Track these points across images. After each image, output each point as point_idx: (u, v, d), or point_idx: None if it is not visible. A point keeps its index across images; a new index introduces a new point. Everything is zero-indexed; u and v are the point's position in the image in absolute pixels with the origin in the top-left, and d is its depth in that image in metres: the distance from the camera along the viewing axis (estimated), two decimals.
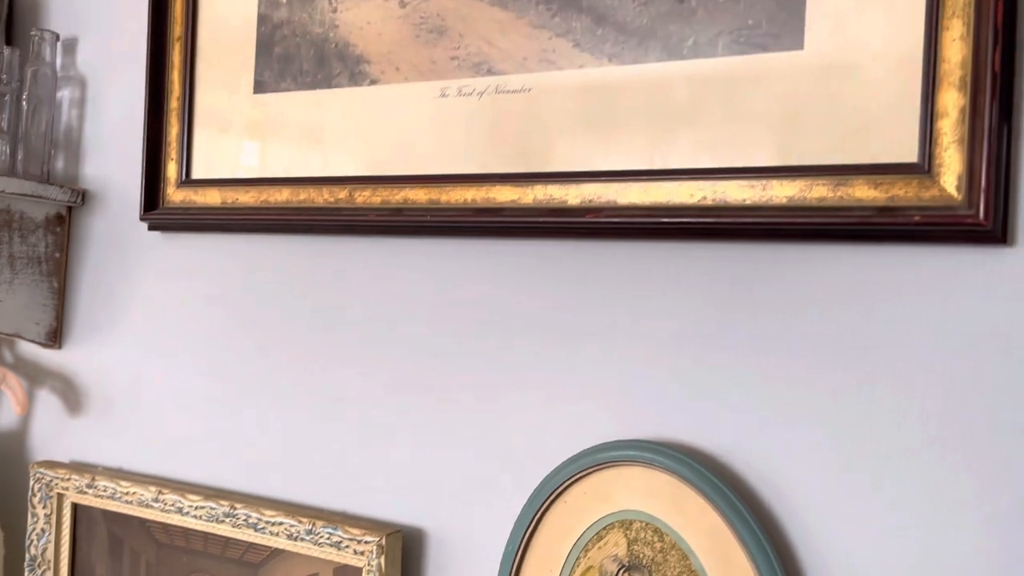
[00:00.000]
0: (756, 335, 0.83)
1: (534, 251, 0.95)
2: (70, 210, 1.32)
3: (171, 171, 1.21)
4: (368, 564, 0.98)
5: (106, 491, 1.18)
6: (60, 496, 1.23)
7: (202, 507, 1.11)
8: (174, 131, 1.21)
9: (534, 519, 0.90)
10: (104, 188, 1.30)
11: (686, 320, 0.87)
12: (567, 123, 0.93)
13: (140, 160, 1.23)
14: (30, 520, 1.24)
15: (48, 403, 1.33)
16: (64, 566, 1.24)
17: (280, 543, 1.05)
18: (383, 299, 1.05)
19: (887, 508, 0.77)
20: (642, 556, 0.85)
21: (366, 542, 0.98)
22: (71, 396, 1.31)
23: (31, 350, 1.35)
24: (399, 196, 1.03)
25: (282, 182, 1.11)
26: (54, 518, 1.23)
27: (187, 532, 1.14)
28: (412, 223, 1.01)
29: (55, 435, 1.32)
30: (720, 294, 0.85)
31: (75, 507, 1.23)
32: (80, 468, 1.24)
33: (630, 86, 0.89)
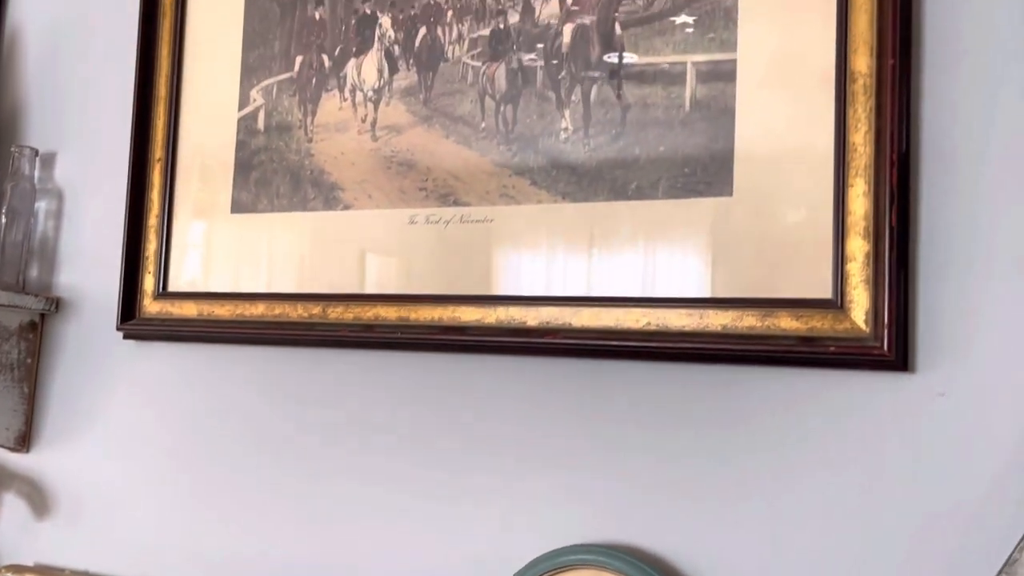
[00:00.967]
0: (699, 448, 0.93)
1: (497, 367, 1.04)
2: (43, 317, 1.37)
3: (148, 284, 1.27)
4: None
5: None
6: None
7: None
8: (152, 246, 1.27)
9: None
10: (79, 297, 1.35)
11: (636, 433, 0.96)
12: (526, 251, 1.04)
13: (116, 270, 1.29)
14: None
15: (14, 507, 1.35)
16: None
17: None
18: (354, 410, 1.12)
19: None
20: None
21: None
22: (37, 499, 1.33)
23: None
24: (370, 313, 1.11)
25: (258, 297, 1.19)
26: None
27: None
28: (383, 339, 1.10)
29: (22, 538, 1.33)
30: (666, 410, 0.95)
31: None
32: (47, 571, 1.26)
33: (581, 221, 1.01)
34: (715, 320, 0.92)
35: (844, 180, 0.87)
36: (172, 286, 1.26)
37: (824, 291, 0.88)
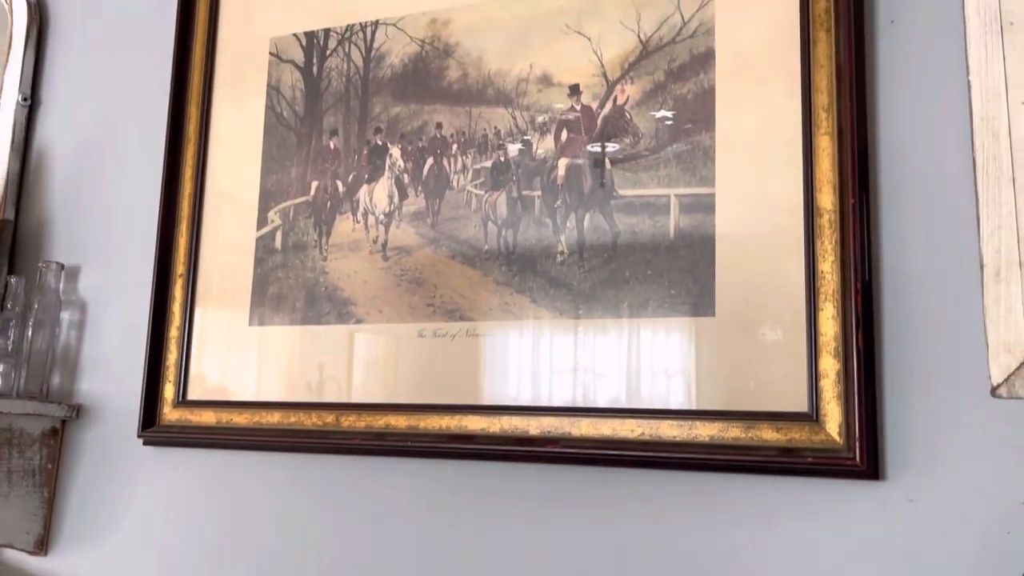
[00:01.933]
0: (692, 551, 1.00)
1: (502, 474, 1.12)
2: (64, 423, 1.44)
3: (168, 392, 1.34)
4: None
5: None
6: None
7: None
8: (173, 356, 1.35)
9: None
10: (99, 404, 1.42)
11: (634, 536, 1.03)
12: (526, 364, 1.13)
13: (136, 378, 1.37)
14: None
15: None
16: None
17: None
18: (366, 515, 1.19)
19: None
20: None
21: None
22: None
23: (16, 556, 1.42)
24: (382, 422, 1.19)
25: (274, 406, 1.27)
26: None
27: None
28: (393, 447, 1.17)
29: None
30: (662, 516, 1.03)
31: None
32: None
33: (578, 336, 1.10)
34: (703, 431, 1.00)
35: (815, 304, 0.97)
36: (191, 394, 1.34)
37: (801, 405, 0.97)
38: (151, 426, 1.34)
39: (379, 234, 1.26)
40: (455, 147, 1.22)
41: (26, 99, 1.59)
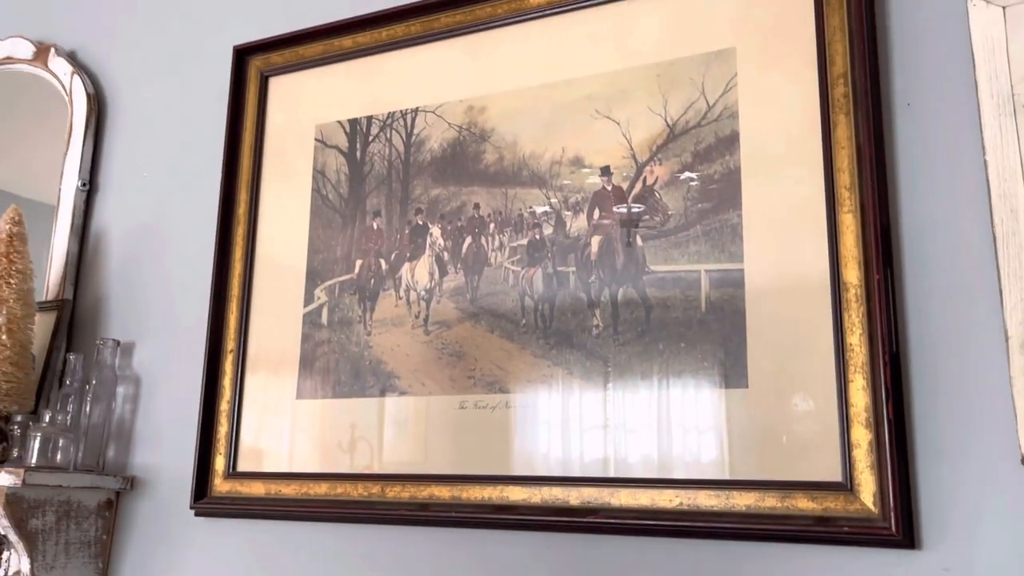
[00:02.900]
0: None
1: (543, 544, 1.15)
2: (119, 495, 1.49)
3: (219, 464, 1.40)
4: None
5: None
6: None
7: None
8: (223, 429, 1.41)
9: None
10: (153, 476, 1.47)
11: None
12: (564, 433, 1.16)
13: (187, 451, 1.42)
14: None
15: None
16: None
17: None
18: None
19: None
20: None
21: None
22: None
23: None
24: (425, 492, 1.23)
25: (320, 477, 1.31)
26: None
27: None
28: (437, 517, 1.21)
29: None
30: None
31: None
32: None
33: (615, 408, 1.13)
34: (740, 500, 1.03)
35: (845, 376, 1.00)
36: (241, 466, 1.39)
37: (834, 474, 0.99)
38: (203, 497, 1.39)
39: (421, 309, 1.31)
40: (492, 226, 1.28)
41: (85, 184, 1.68)
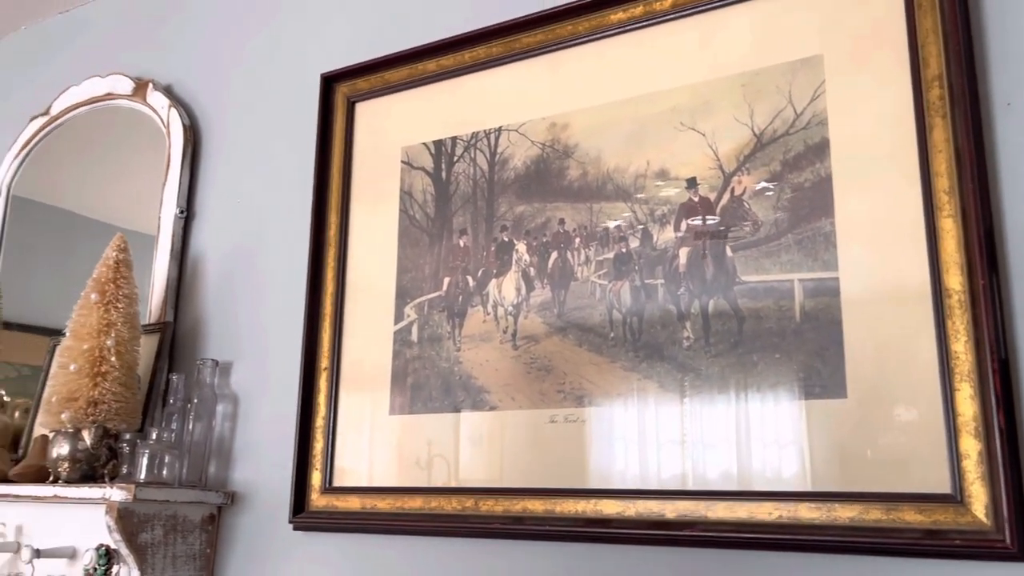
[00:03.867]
0: None
1: (637, 558, 1.14)
2: (220, 510, 1.54)
3: (316, 479, 1.43)
4: None
5: None
6: None
7: None
8: (319, 445, 1.45)
9: None
10: (252, 491, 1.52)
11: None
12: (658, 447, 1.16)
13: (285, 467, 1.47)
14: None
15: None
16: None
17: None
18: None
19: None
20: None
21: None
22: None
23: None
24: (519, 506, 1.24)
25: (415, 491, 1.33)
26: None
27: None
28: (531, 531, 1.22)
29: None
30: None
31: None
32: None
33: (709, 420, 1.13)
34: (843, 513, 1.01)
35: (950, 384, 0.98)
36: (337, 481, 1.42)
37: (943, 486, 0.97)
38: (301, 512, 1.43)
39: (508, 324, 1.33)
40: (578, 240, 1.30)
41: (182, 211, 1.76)
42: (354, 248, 1.51)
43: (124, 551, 1.39)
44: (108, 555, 1.52)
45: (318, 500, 1.42)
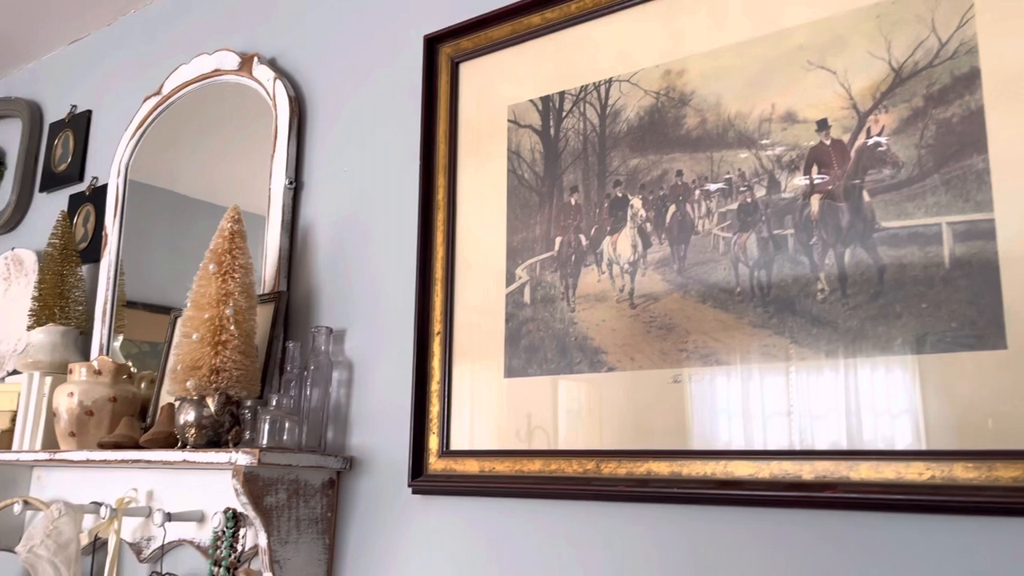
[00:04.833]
0: None
1: (772, 520, 1.09)
2: (339, 475, 1.56)
3: (433, 443, 1.43)
4: None
5: None
6: None
7: None
8: (435, 409, 1.44)
9: None
10: (370, 456, 1.53)
11: None
12: (792, 407, 1.10)
13: (402, 432, 1.47)
14: None
15: None
16: None
17: None
18: (626, 562, 1.20)
19: None
20: None
21: None
22: None
23: None
24: (643, 468, 1.20)
25: (534, 454, 1.31)
26: None
27: None
28: (656, 494, 1.18)
29: None
30: (957, 563, 0.96)
31: None
32: None
33: (847, 377, 1.06)
34: (1004, 472, 0.93)
35: None
36: (454, 445, 1.42)
37: None
38: (419, 476, 1.43)
39: (625, 283, 1.29)
40: (697, 192, 1.24)
41: (291, 182, 1.78)
42: (463, 211, 1.50)
43: (251, 513, 1.42)
44: (235, 518, 1.57)
45: (436, 464, 1.42)
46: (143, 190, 2.14)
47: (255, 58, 1.89)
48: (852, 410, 1.05)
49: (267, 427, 1.49)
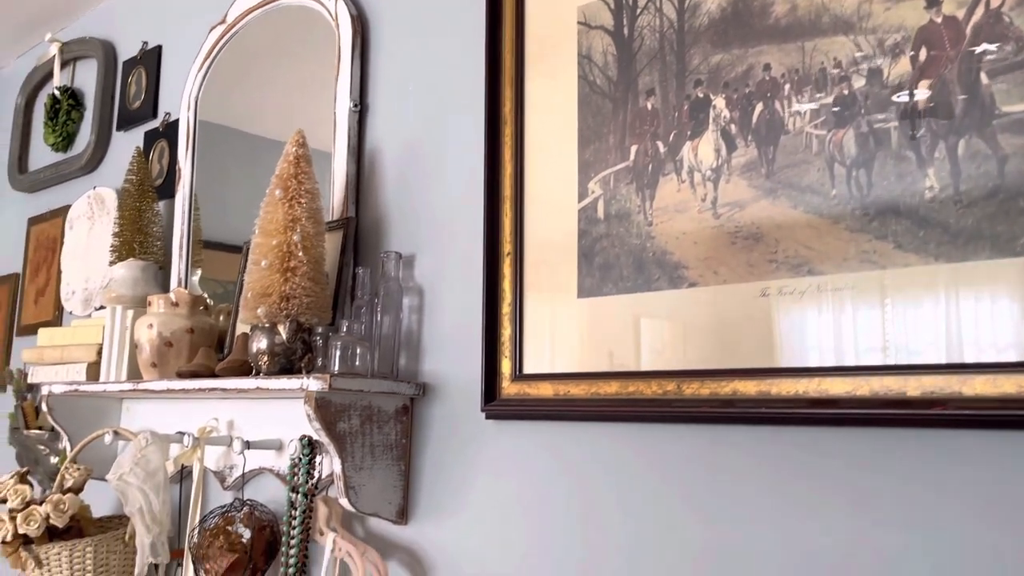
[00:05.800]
0: None
1: (870, 439, 1.00)
2: (412, 401, 1.53)
3: (506, 367, 1.38)
4: None
5: None
6: None
7: None
8: (507, 332, 1.39)
9: None
10: (442, 382, 1.50)
11: None
12: (894, 317, 1.00)
13: (474, 357, 1.43)
14: None
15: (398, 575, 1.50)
16: None
17: None
18: (710, 485, 1.13)
19: None
20: None
21: None
22: (418, 569, 1.47)
23: (381, 526, 1.54)
24: (727, 388, 1.12)
25: (611, 376, 1.25)
26: None
27: None
28: (743, 414, 1.10)
29: None
30: None
31: None
32: None
33: (959, 282, 0.95)
34: None
35: None
36: (528, 368, 1.36)
37: None
38: (492, 400, 1.38)
39: (707, 192, 1.19)
40: (787, 87, 1.12)
41: (356, 105, 1.72)
42: (531, 124, 1.41)
43: (324, 439, 1.40)
44: (311, 445, 1.56)
45: (509, 388, 1.37)
46: (215, 130, 2.12)
47: None
48: (964, 320, 0.94)
49: (338, 353, 1.46)
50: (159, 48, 2.39)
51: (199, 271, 2.10)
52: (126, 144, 2.45)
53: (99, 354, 2.04)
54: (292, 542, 1.52)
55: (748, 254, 1.13)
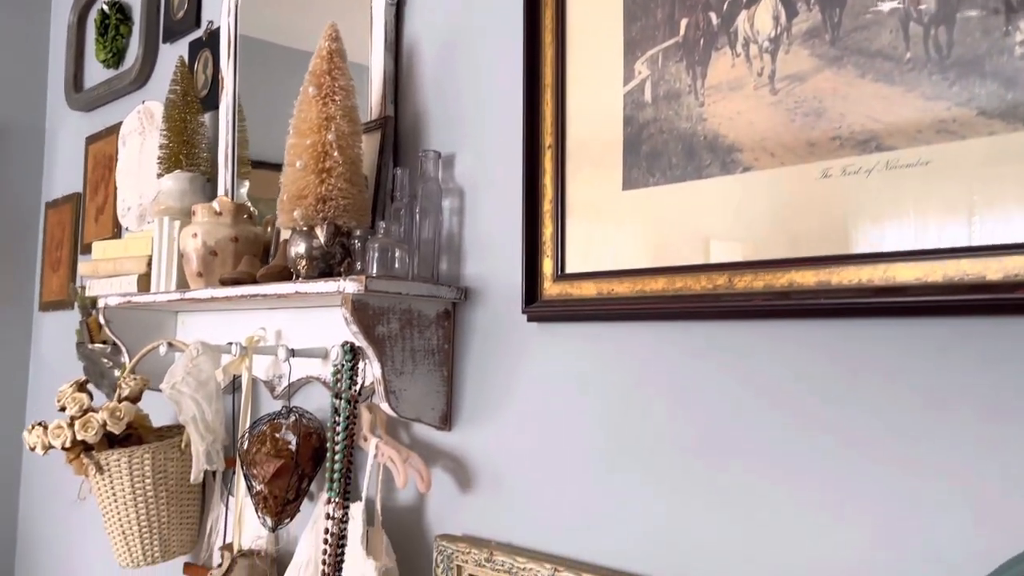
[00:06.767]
0: None
1: (945, 328, 0.90)
2: (455, 306, 1.48)
3: (547, 267, 1.31)
4: None
5: (503, 566, 1.28)
6: (459, 568, 1.35)
7: None
8: (548, 231, 1.31)
9: None
10: (484, 285, 1.43)
11: None
12: (976, 193, 0.88)
13: (515, 259, 1.36)
14: None
15: (442, 481, 1.47)
16: None
17: None
18: (763, 384, 1.04)
19: None
20: None
21: None
22: (462, 474, 1.44)
23: (425, 432, 1.51)
24: (783, 279, 1.02)
25: (657, 271, 1.16)
26: None
27: None
28: (800, 306, 1.01)
29: (450, 510, 1.45)
30: None
31: None
32: (475, 542, 1.35)
33: None
34: None
35: None
36: (570, 268, 1.28)
37: None
38: (533, 302, 1.32)
39: (764, 65, 1.07)
40: None
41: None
42: (573, 4, 1.30)
43: (363, 343, 1.37)
44: (353, 351, 1.53)
45: (551, 288, 1.30)
46: (259, 46, 2.05)
47: None
48: None
49: (376, 256, 1.41)
50: None
51: (247, 183, 2.07)
52: (173, 56, 2.41)
53: (149, 265, 2.04)
54: (336, 448, 1.50)
55: (809, 132, 1.02)
